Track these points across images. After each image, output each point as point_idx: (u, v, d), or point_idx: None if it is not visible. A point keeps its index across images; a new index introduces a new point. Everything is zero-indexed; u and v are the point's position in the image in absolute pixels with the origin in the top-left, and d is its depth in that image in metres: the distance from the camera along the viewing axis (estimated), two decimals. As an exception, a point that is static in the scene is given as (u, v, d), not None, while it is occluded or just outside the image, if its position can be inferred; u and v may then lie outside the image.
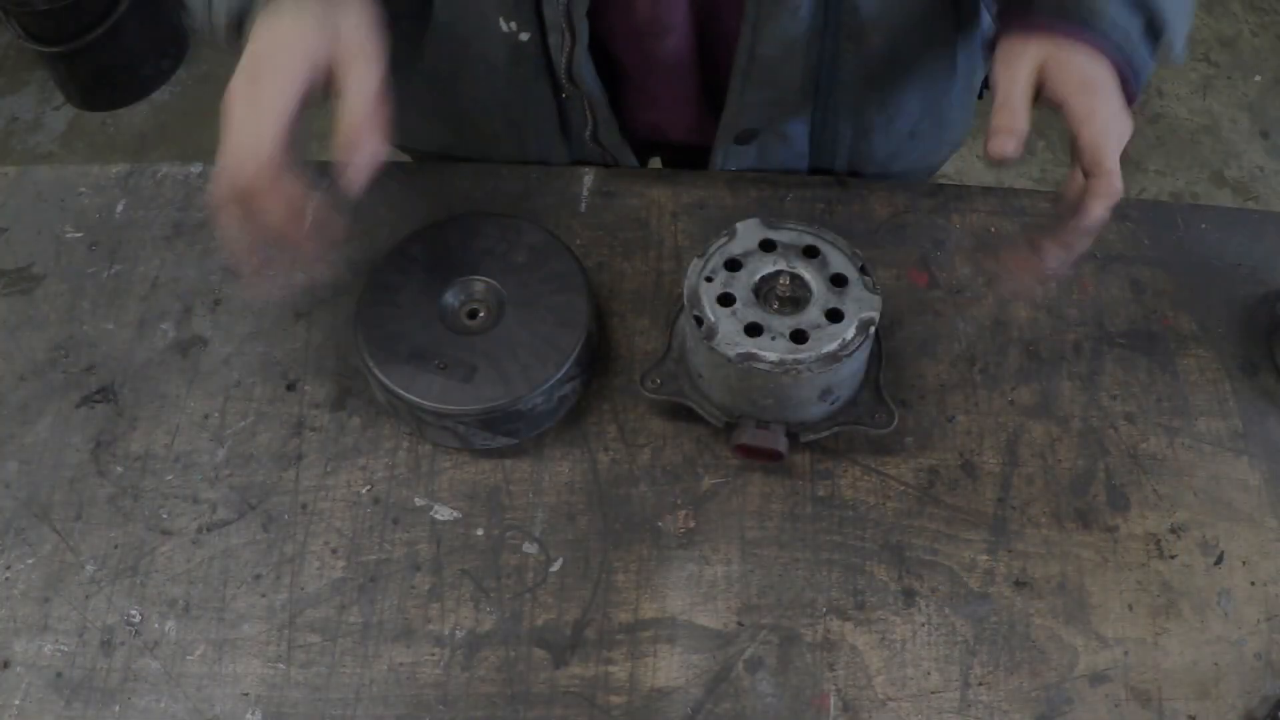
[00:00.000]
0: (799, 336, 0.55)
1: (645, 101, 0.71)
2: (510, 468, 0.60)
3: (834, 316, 0.56)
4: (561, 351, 0.58)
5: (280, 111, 0.50)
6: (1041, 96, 0.54)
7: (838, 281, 0.57)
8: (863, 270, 0.57)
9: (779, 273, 0.57)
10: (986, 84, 0.87)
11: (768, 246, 0.58)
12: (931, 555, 0.58)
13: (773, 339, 0.55)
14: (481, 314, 0.61)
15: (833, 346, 0.54)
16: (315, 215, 0.52)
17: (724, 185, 0.70)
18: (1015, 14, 0.57)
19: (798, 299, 0.57)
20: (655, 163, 0.86)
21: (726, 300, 0.56)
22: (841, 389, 0.58)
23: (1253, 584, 0.57)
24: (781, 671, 0.54)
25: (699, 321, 0.55)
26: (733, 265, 0.57)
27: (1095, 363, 0.64)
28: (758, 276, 0.57)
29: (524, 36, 0.63)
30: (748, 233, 0.58)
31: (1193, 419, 0.62)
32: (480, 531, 0.58)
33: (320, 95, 0.52)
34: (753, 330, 0.55)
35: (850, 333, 0.55)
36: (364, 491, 0.59)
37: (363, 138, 0.50)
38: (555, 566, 0.57)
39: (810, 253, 0.58)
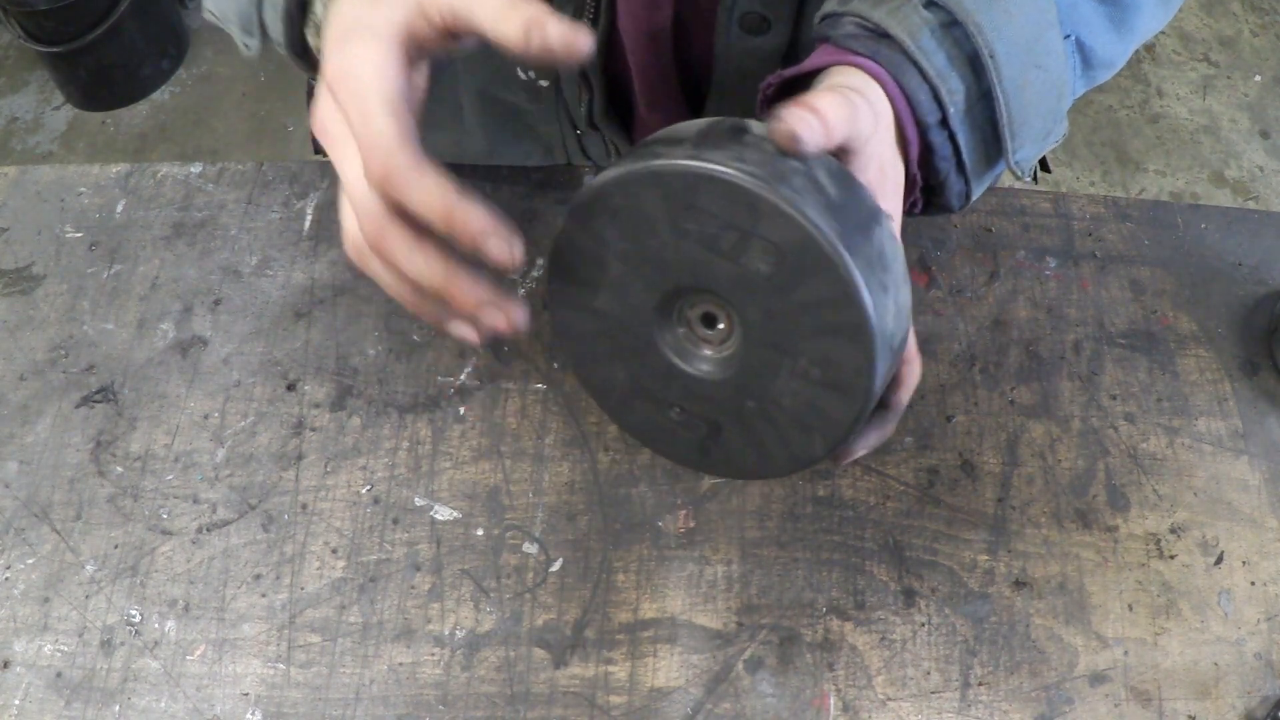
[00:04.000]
0: None
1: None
2: (510, 468, 0.60)
3: None
4: (831, 422, 0.42)
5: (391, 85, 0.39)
6: None
7: None
8: None
9: None
10: (1043, 163, 0.85)
11: None
12: (931, 555, 0.58)
13: None
14: (712, 351, 0.45)
15: None
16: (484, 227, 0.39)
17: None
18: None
19: None
20: None
21: None
22: None
23: (1253, 584, 0.57)
24: (781, 671, 0.54)
25: None
26: None
27: (1095, 363, 0.64)
28: None
29: (543, 83, 0.65)
30: None
31: (1193, 419, 0.62)
32: (480, 531, 0.58)
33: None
34: None
35: None
36: (364, 491, 0.59)
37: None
38: (555, 566, 0.57)
39: None
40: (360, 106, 0.39)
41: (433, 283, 0.41)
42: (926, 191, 0.50)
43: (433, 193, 0.38)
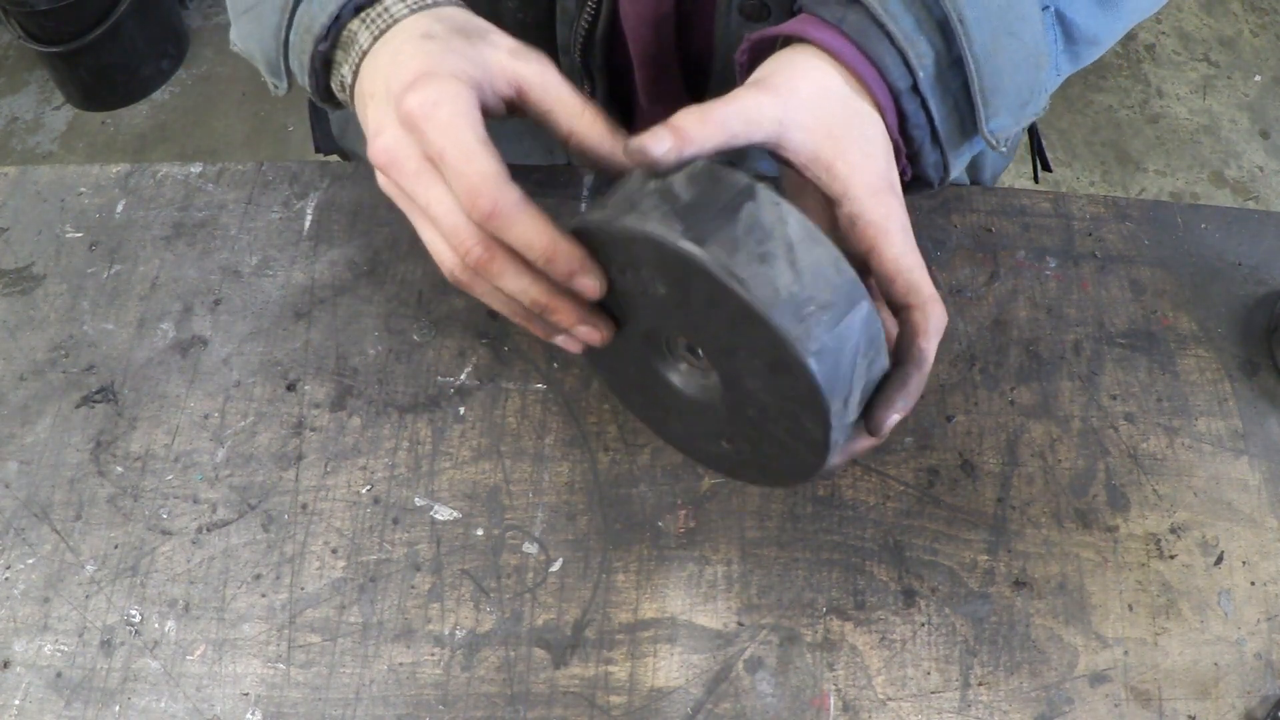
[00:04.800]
0: None
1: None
2: (510, 468, 0.60)
3: None
4: (804, 401, 0.42)
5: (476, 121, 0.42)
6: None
7: None
8: None
9: None
10: (1044, 162, 0.85)
11: None
12: (931, 555, 0.58)
13: None
14: (708, 378, 0.47)
15: None
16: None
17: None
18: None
19: None
20: None
21: None
22: None
23: (1253, 584, 0.57)
24: (781, 671, 0.54)
25: None
26: None
27: (1095, 363, 0.64)
28: None
29: None
30: None
31: (1193, 419, 0.62)
32: (480, 531, 0.58)
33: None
34: None
35: None
36: (364, 491, 0.59)
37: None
38: (555, 566, 0.57)
39: None
40: (457, 143, 0.41)
41: (538, 302, 0.43)
42: (907, 161, 0.50)
43: (536, 231, 0.41)
